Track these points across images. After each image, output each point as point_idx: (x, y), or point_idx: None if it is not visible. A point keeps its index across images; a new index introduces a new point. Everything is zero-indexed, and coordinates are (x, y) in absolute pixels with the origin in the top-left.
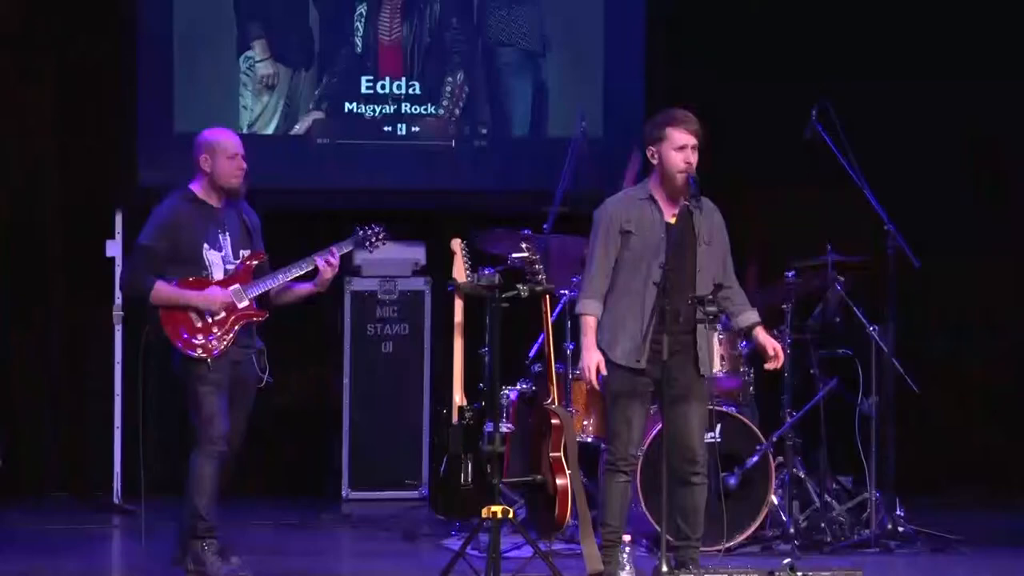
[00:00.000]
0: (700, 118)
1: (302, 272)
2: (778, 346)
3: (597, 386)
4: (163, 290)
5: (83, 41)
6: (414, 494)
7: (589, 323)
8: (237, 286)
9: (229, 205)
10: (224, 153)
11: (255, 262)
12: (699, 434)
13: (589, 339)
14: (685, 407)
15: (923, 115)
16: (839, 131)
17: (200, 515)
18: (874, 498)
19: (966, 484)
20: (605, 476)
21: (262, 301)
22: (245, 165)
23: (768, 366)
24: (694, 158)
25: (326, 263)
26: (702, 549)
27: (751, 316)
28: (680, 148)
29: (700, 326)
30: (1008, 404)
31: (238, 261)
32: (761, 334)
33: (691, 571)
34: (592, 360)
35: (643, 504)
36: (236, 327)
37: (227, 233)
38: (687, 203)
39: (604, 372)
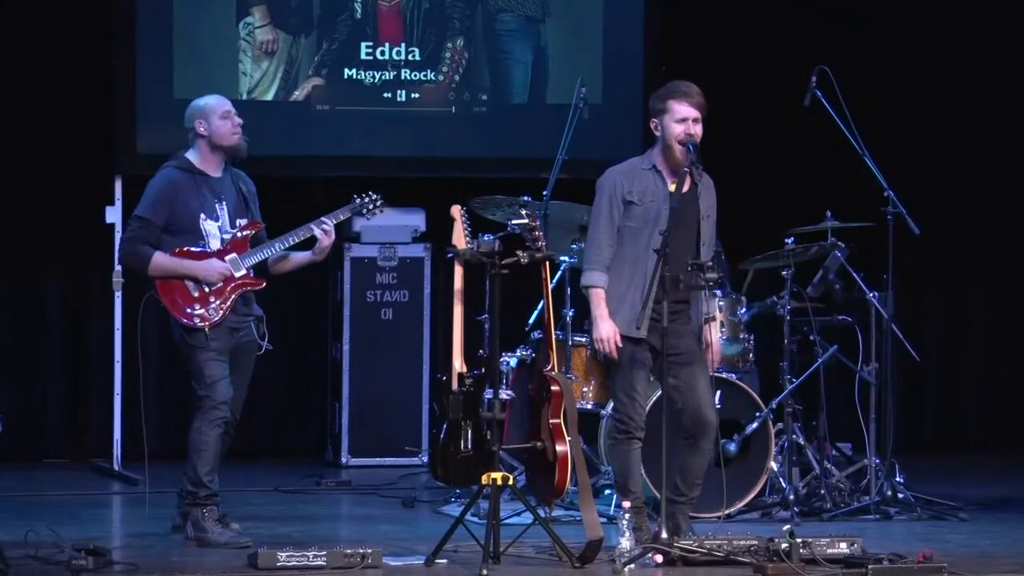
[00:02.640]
0: (699, 83)
1: (299, 240)
2: (718, 351)
3: (615, 355)
4: (161, 261)
5: (82, 6)
6: (414, 460)
7: (599, 294)
8: (234, 255)
9: (225, 173)
10: (216, 113)
11: (252, 231)
12: (710, 399)
13: (602, 310)
14: (691, 372)
15: (924, 82)
16: (839, 97)
17: (201, 482)
18: (873, 465)
19: (966, 451)
20: (619, 445)
21: (260, 269)
22: (240, 121)
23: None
24: (696, 130)
25: (323, 232)
26: (701, 516)
27: (711, 307)
28: (681, 120)
29: (697, 293)
30: (1007, 372)
31: (235, 230)
32: (708, 330)
33: (689, 537)
34: (608, 331)
35: (642, 470)
36: (234, 296)
37: (224, 203)
38: (688, 170)
39: (620, 343)
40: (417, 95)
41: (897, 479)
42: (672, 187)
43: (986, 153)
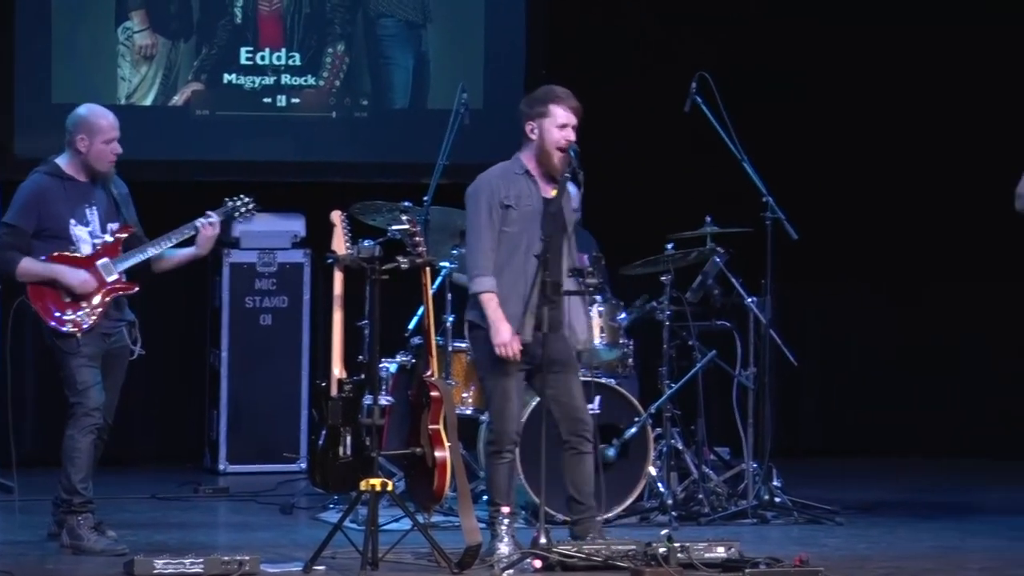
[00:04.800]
0: (579, 89)
1: (174, 243)
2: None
3: (519, 359)
4: (30, 266)
5: None
6: (292, 467)
7: (492, 299)
8: (106, 260)
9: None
10: (102, 136)
11: (124, 235)
12: (584, 403)
13: (498, 313)
14: (567, 378)
15: (807, 85)
16: (719, 103)
17: (75, 489)
18: (751, 469)
19: (843, 455)
20: (489, 458)
21: (135, 273)
22: (120, 150)
23: None
24: (573, 136)
25: (209, 224)
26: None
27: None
28: (562, 126)
29: (572, 299)
30: (884, 377)
31: (106, 235)
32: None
33: (584, 541)
34: (508, 334)
35: (522, 476)
36: (106, 301)
37: (95, 207)
38: (567, 176)
39: (519, 346)
40: (298, 100)
41: (774, 483)
42: (554, 192)
43: (864, 158)
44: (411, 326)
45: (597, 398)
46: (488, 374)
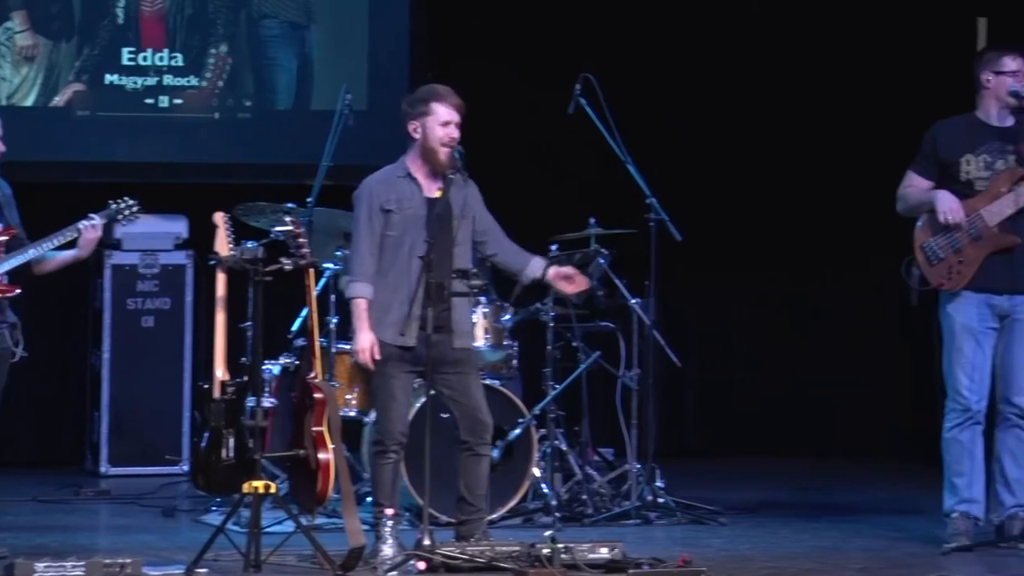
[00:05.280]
0: (464, 90)
1: (56, 245)
2: (574, 270)
3: (372, 367)
4: None
5: None
6: (175, 469)
7: (361, 306)
8: None
9: None
10: None
11: (5, 237)
12: (484, 402)
13: (363, 322)
14: (465, 379)
15: (691, 90)
16: (603, 105)
17: None
18: (635, 470)
19: (726, 456)
20: (375, 458)
21: (16, 275)
22: (3, 148)
23: (570, 290)
24: (457, 133)
25: (91, 226)
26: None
27: (536, 263)
28: (445, 124)
29: (457, 300)
30: (767, 378)
31: None
32: (552, 271)
33: (469, 543)
34: (367, 342)
35: (406, 478)
36: None
37: None
38: (452, 176)
39: (379, 356)
40: (180, 101)
41: (658, 484)
42: (439, 193)
43: (747, 159)
44: (294, 328)
45: None
46: (375, 374)
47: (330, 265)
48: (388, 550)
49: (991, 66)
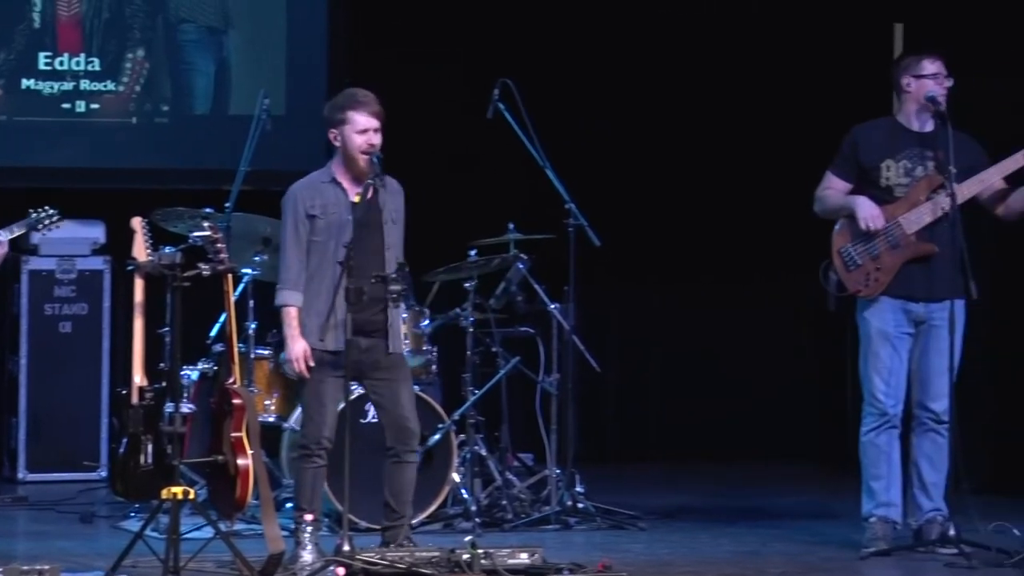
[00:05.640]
0: (383, 96)
1: None
2: None
3: (306, 375)
4: None
5: None
6: (93, 475)
7: (291, 313)
8: None
9: None
10: None
11: None
12: (412, 410)
13: (293, 330)
14: (394, 386)
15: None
16: (521, 110)
17: None
18: (554, 475)
19: (646, 461)
20: (299, 461)
21: None
22: None
23: None
24: (377, 140)
25: None
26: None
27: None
28: (363, 131)
29: (392, 304)
30: (685, 383)
31: None
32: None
33: (389, 548)
34: (298, 349)
35: (326, 483)
36: None
37: None
38: (371, 182)
39: (312, 362)
40: (97, 106)
41: (577, 489)
42: (356, 198)
43: (664, 163)
44: (213, 333)
45: None
46: (304, 379)
47: (248, 270)
48: (307, 556)
49: (911, 70)
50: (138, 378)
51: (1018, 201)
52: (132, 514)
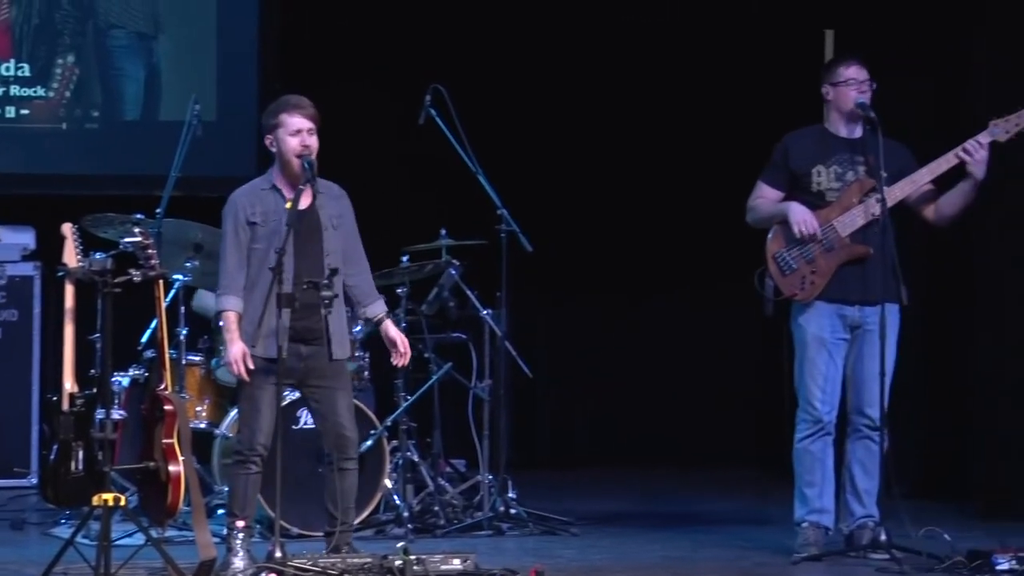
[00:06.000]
0: (315, 101)
1: None
2: (405, 341)
3: (246, 378)
4: None
5: None
6: (23, 482)
7: (230, 318)
8: None
9: None
10: None
11: None
12: (350, 417)
13: (232, 334)
14: (331, 393)
15: (540, 100)
16: (454, 116)
17: None
18: (487, 481)
19: (578, 466)
20: (234, 467)
21: None
22: None
23: (395, 361)
24: (311, 141)
25: None
26: (314, 535)
27: (377, 308)
28: (295, 133)
29: (335, 310)
30: (618, 386)
31: None
32: (389, 328)
33: (319, 555)
34: (236, 351)
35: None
36: None
37: None
38: (302, 188)
39: (251, 365)
40: (27, 111)
41: (510, 495)
42: (289, 204)
43: (596, 170)
44: (144, 339)
45: None
46: (242, 385)
47: (180, 276)
48: (239, 563)
49: (830, 78)
50: (69, 384)
51: (947, 205)
52: (63, 521)
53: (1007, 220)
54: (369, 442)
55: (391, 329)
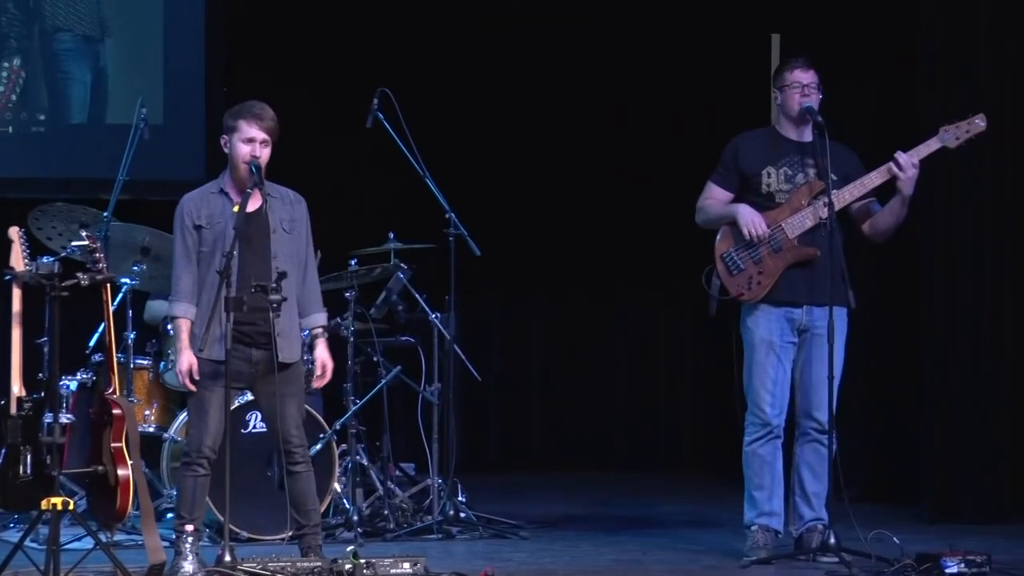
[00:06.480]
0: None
1: None
2: (328, 365)
3: (193, 388)
4: None
5: None
6: None
7: (181, 326)
8: None
9: None
10: None
11: None
12: (295, 422)
13: (183, 342)
14: (279, 400)
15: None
16: (401, 120)
17: None
18: (436, 484)
19: (527, 470)
20: (182, 470)
21: None
22: None
23: (313, 383)
24: (262, 152)
25: None
26: (263, 538)
27: (316, 319)
28: (248, 141)
29: (284, 313)
30: (568, 389)
31: None
32: (319, 346)
33: (270, 558)
34: (184, 363)
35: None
36: None
37: None
38: (249, 191)
39: (197, 376)
40: None
41: (459, 498)
42: (236, 208)
43: (545, 173)
44: (92, 343)
45: None
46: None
47: (127, 280)
48: (188, 567)
49: (777, 81)
50: (16, 388)
51: (880, 222)
52: (11, 525)
53: (951, 222)
54: (318, 446)
55: (320, 348)
